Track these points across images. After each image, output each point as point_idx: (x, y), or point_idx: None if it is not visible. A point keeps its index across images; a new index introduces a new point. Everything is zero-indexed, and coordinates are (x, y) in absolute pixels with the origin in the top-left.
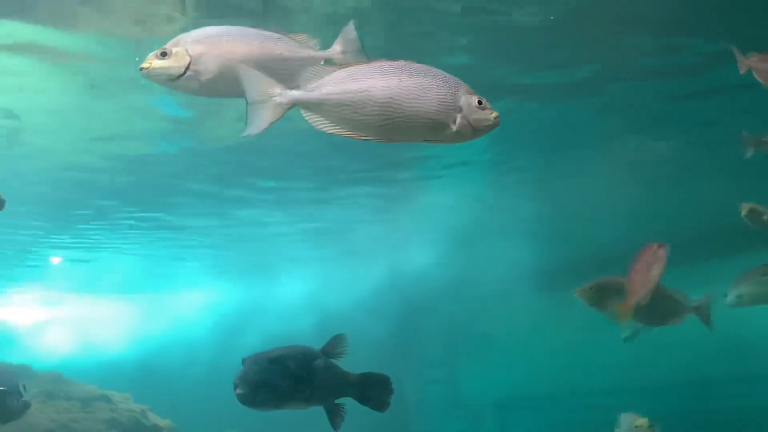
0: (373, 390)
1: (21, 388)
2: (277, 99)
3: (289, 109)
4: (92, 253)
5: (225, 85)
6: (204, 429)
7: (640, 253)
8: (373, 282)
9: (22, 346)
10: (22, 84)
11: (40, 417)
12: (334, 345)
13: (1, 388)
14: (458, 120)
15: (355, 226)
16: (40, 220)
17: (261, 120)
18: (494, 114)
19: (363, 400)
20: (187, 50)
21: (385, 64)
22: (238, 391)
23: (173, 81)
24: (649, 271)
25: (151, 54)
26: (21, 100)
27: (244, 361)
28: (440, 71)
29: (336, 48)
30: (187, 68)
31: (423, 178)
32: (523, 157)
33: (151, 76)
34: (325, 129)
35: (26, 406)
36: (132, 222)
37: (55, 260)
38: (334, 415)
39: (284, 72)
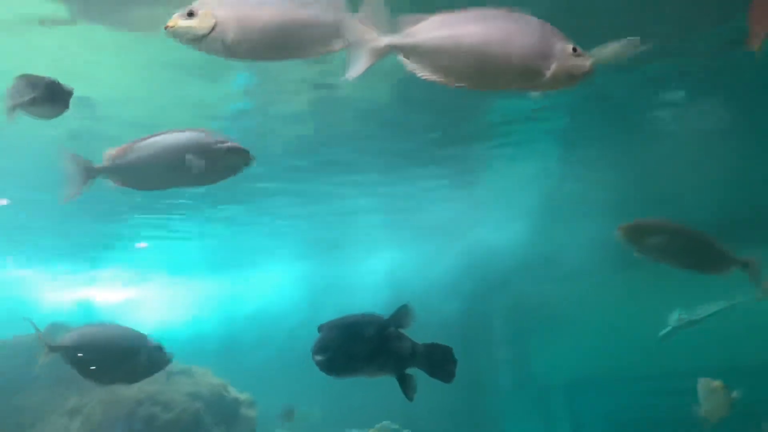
0: (438, 360)
1: (155, 346)
2: (373, 43)
3: (386, 53)
4: (175, 233)
5: (249, 48)
6: (281, 403)
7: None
8: (447, 260)
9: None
10: (105, 58)
11: (131, 388)
12: (401, 315)
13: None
14: (553, 67)
15: (429, 203)
16: (125, 202)
17: (360, 63)
18: (589, 61)
19: (430, 370)
20: (213, 11)
21: (479, 12)
22: (318, 357)
23: (197, 42)
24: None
25: (176, 13)
26: (101, 76)
27: (320, 329)
28: (534, 18)
29: (361, 14)
30: (212, 29)
31: (497, 156)
32: (603, 127)
33: (176, 35)
34: (421, 74)
35: (157, 362)
36: (213, 202)
37: (141, 245)
38: (407, 385)
39: (308, 37)
